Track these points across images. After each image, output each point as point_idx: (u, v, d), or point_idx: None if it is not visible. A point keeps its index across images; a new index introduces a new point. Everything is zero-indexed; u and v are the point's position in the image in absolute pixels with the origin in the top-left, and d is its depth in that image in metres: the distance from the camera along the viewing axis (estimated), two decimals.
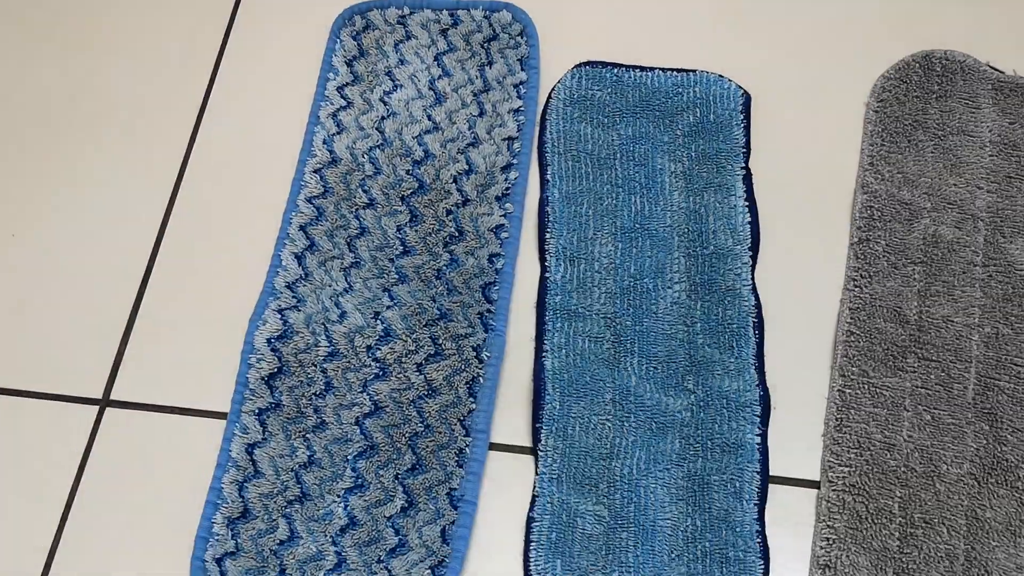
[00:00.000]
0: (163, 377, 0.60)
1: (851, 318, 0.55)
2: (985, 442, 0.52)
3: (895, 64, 0.62)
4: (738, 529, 0.51)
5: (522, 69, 0.66)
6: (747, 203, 0.59)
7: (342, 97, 0.66)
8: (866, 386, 0.53)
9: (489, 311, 0.59)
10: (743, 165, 0.61)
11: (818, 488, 0.52)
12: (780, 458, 0.53)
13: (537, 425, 0.55)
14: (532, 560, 0.52)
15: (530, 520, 0.53)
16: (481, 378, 0.57)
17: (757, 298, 0.57)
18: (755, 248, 0.58)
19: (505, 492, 0.54)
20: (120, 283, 0.63)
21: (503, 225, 0.61)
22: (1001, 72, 0.61)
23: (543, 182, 0.62)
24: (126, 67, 0.70)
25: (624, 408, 0.55)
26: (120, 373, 0.60)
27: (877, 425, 0.52)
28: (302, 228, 0.62)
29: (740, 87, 0.62)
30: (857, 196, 0.59)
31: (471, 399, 0.56)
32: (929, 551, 0.50)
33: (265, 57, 0.70)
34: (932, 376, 0.53)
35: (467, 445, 0.55)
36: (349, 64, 0.68)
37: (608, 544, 0.52)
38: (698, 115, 0.62)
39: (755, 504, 0.52)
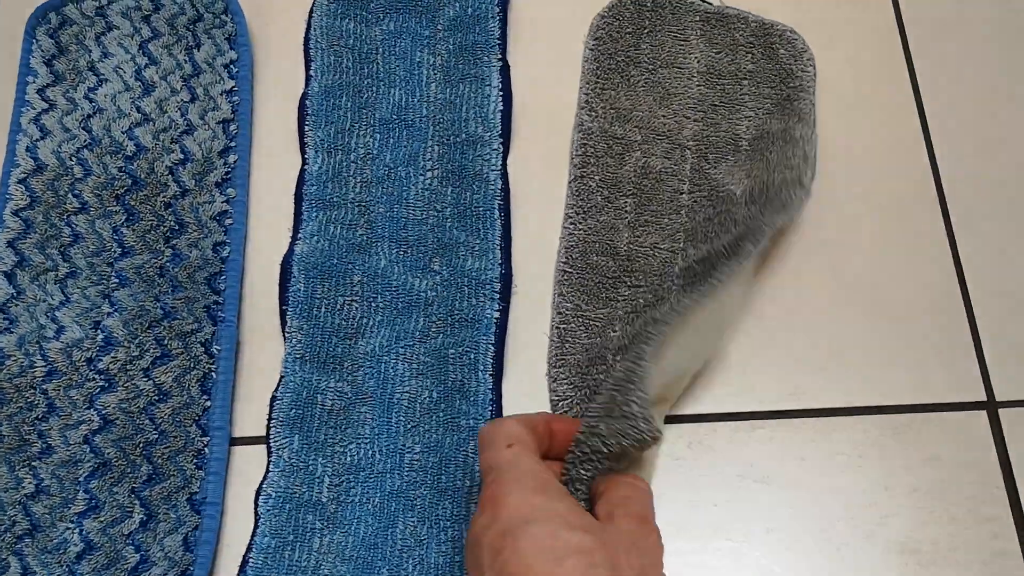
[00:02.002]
0: None
1: (565, 256, 0.54)
2: None
3: (610, 2, 0.62)
4: (472, 398, 0.52)
5: (231, 48, 0.62)
6: (501, 93, 0.59)
7: (43, 100, 0.61)
8: (580, 319, 0.53)
9: (217, 303, 0.55)
10: (500, 57, 0.60)
11: None
12: (519, 407, 0.53)
13: (284, 307, 0.54)
14: (271, 437, 0.51)
15: (273, 399, 0.52)
16: (214, 373, 0.53)
17: (505, 183, 0.57)
18: (506, 136, 0.58)
19: (254, 485, 0.51)
20: None
21: (226, 212, 0.57)
22: (709, 4, 0.62)
23: (307, 78, 0.60)
24: None
25: (371, 289, 0.54)
26: None
27: (589, 357, 0.52)
28: (10, 244, 0.56)
29: None
30: (574, 135, 0.58)
31: (204, 397, 0.53)
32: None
33: None
34: (640, 301, 0.53)
35: (205, 445, 0.52)
36: (48, 64, 0.62)
37: (347, 419, 0.51)
38: (457, 9, 0.61)
39: (490, 375, 0.52)
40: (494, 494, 0.37)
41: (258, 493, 0.50)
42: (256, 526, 0.49)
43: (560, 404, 0.51)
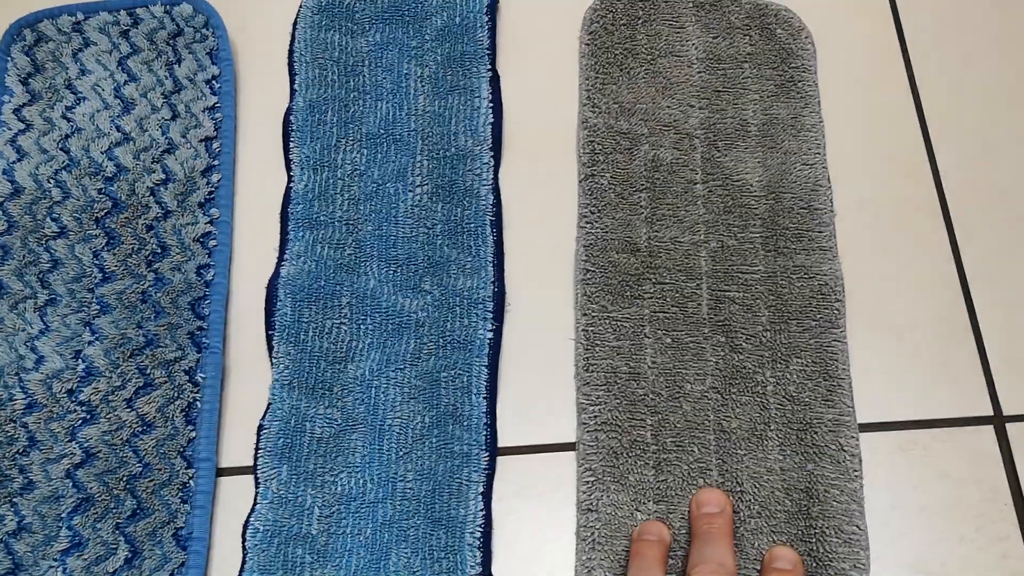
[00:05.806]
0: None
1: (585, 256, 0.52)
2: (723, 353, 0.50)
3: None
4: (465, 423, 0.49)
5: (213, 63, 0.59)
6: (491, 104, 0.56)
7: (20, 120, 0.58)
8: (607, 320, 0.50)
9: (201, 328, 0.53)
10: (489, 67, 0.57)
11: None
12: (514, 432, 0.51)
13: (270, 332, 0.51)
14: (259, 468, 0.48)
15: (260, 428, 0.49)
16: (198, 402, 0.50)
17: (497, 197, 0.54)
18: (497, 149, 0.56)
19: (242, 517, 0.49)
20: None
21: (210, 233, 0.55)
22: None
23: (291, 93, 0.58)
24: None
25: (361, 311, 0.51)
26: None
27: (622, 357, 0.49)
28: None
29: None
30: (579, 133, 0.56)
31: (189, 427, 0.50)
32: (682, 473, 0.47)
33: None
34: (668, 299, 0.51)
35: (190, 478, 0.49)
36: (24, 83, 0.59)
37: (338, 447, 0.49)
38: (445, 19, 0.59)
39: (484, 397, 0.49)
40: None
41: (245, 527, 0.48)
42: (244, 562, 0.47)
43: (590, 409, 0.49)
